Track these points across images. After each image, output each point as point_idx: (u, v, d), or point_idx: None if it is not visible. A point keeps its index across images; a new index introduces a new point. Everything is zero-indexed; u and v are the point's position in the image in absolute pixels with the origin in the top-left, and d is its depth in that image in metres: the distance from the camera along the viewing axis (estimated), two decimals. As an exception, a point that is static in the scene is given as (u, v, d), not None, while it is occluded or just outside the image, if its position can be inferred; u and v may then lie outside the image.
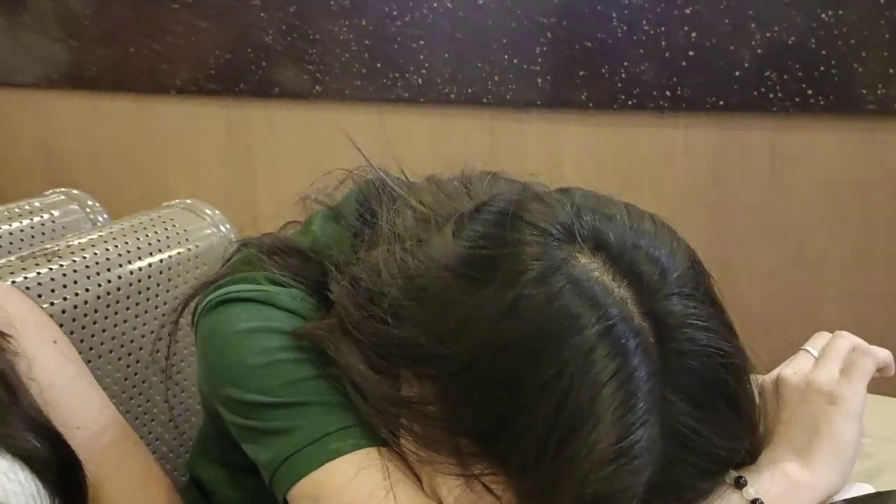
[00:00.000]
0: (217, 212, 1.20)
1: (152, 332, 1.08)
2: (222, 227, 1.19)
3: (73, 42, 1.89)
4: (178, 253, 1.12)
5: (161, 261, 1.09)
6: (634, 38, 1.32)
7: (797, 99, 1.25)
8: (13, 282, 0.94)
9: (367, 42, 1.55)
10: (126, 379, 1.04)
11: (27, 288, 0.92)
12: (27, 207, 1.18)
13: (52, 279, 0.96)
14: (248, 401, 0.63)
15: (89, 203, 1.26)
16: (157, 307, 1.08)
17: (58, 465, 0.68)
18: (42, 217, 1.19)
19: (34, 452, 0.66)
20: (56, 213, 1.21)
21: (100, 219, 1.24)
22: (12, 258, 0.98)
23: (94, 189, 1.82)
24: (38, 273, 0.96)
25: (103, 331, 1.01)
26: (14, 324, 0.73)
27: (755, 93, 1.27)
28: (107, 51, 1.86)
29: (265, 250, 0.71)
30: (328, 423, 0.62)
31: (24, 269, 0.95)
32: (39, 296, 0.92)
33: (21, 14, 1.96)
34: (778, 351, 1.31)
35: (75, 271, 0.99)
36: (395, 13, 1.50)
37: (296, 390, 0.63)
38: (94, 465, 0.73)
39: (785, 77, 1.24)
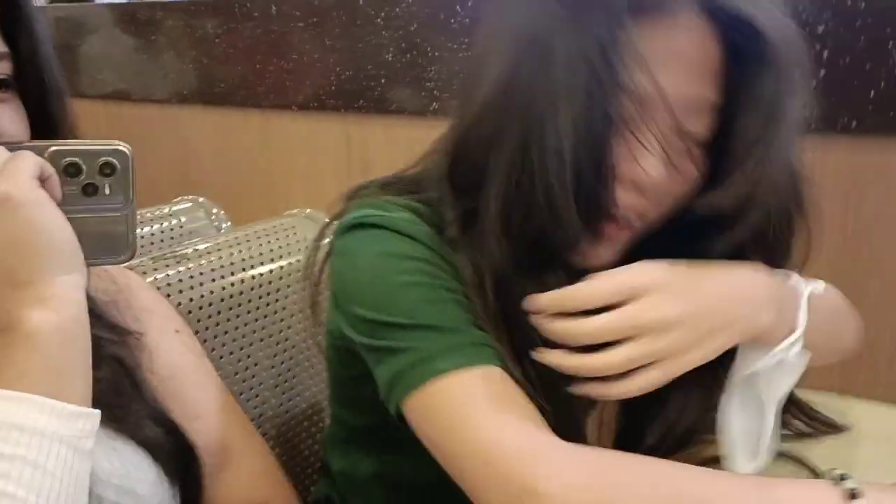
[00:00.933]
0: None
1: (271, 335, 1.11)
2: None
3: (204, 60, 1.98)
4: (298, 260, 1.15)
5: (281, 267, 1.13)
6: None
7: (940, 120, 1.18)
8: (146, 280, 0.99)
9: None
10: (244, 381, 1.07)
11: (157, 287, 0.97)
12: (158, 213, 1.25)
13: (180, 280, 1.01)
14: (371, 319, 0.68)
15: (214, 210, 1.31)
16: (275, 311, 1.11)
17: (178, 454, 0.71)
18: (171, 222, 1.25)
19: (156, 441, 0.69)
20: (184, 218, 1.27)
21: (223, 225, 1.30)
22: (145, 259, 1.03)
23: (223, 196, 1.91)
24: (168, 274, 1.01)
25: (225, 332, 1.05)
26: (141, 315, 0.77)
27: (892, 113, 1.20)
28: (235, 68, 1.94)
29: (379, 185, 0.79)
30: (439, 343, 0.65)
31: (155, 268, 1.00)
32: (168, 295, 0.97)
33: (156, 35, 2.08)
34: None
35: (201, 273, 1.04)
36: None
37: (414, 312, 0.67)
38: (212, 454, 0.76)
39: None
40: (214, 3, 1.99)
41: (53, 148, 0.58)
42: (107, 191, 0.59)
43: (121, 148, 0.60)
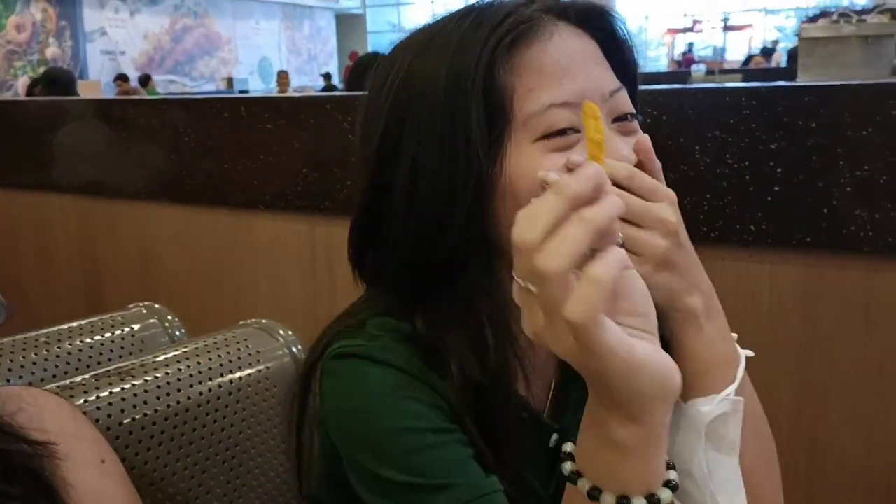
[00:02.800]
0: (290, 333, 1.21)
1: (218, 454, 1.08)
2: (294, 349, 1.20)
3: (172, 157, 2.00)
4: (249, 374, 1.13)
5: (231, 381, 1.11)
6: (718, 170, 1.30)
7: (889, 239, 1.19)
8: (86, 400, 0.96)
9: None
10: (197, 498, 1.04)
11: (97, 408, 0.94)
12: (110, 321, 1.23)
13: (124, 399, 0.98)
14: (377, 473, 0.70)
15: (168, 318, 1.29)
16: (223, 429, 1.08)
17: None
18: (123, 331, 1.23)
19: None
20: (136, 326, 1.25)
21: (177, 333, 1.27)
22: (87, 376, 1.00)
23: (186, 296, 1.89)
24: (111, 392, 0.98)
25: (168, 452, 1.02)
26: (61, 439, 0.74)
27: (844, 230, 1.22)
28: (204, 166, 1.95)
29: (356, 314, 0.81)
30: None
31: (97, 387, 0.98)
32: (109, 415, 0.94)
33: (127, 131, 2.10)
34: (879, 497, 1.21)
35: (146, 391, 1.01)
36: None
37: (420, 468, 0.69)
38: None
39: (876, 216, 1.19)
40: (185, 101, 2.02)
41: None
42: None
43: None
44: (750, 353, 0.75)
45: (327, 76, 13.53)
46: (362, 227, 0.79)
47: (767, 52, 12.06)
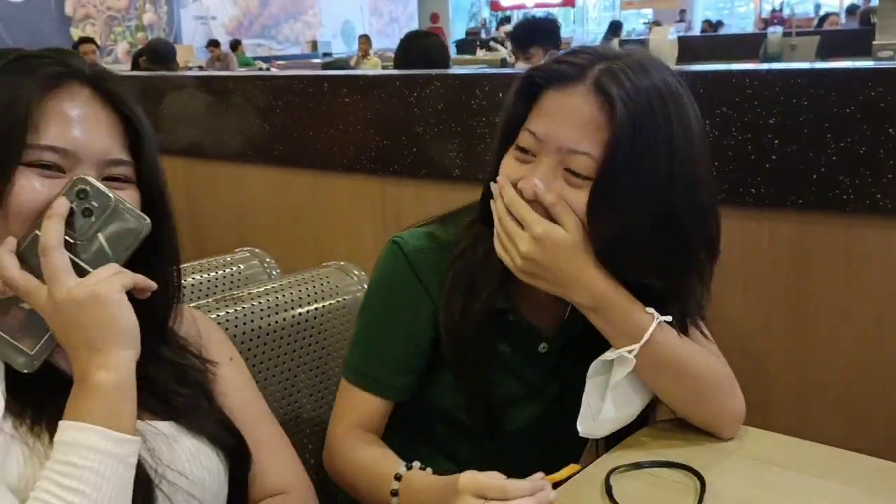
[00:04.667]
0: (363, 273, 1.50)
1: (307, 363, 1.38)
2: (365, 286, 1.48)
3: (266, 127, 2.30)
4: (330, 304, 1.42)
5: (315, 309, 1.40)
6: (724, 142, 1.52)
7: (867, 201, 1.39)
8: (209, 317, 1.27)
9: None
10: (283, 399, 1.34)
11: (217, 324, 1.25)
12: (223, 261, 1.54)
13: (236, 317, 1.29)
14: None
15: (266, 259, 1.59)
16: (309, 345, 1.38)
17: (235, 449, 0.97)
18: (232, 269, 1.54)
19: (221, 439, 0.96)
20: (242, 266, 1.56)
21: (273, 273, 1.58)
22: (209, 300, 1.31)
23: (275, 244, 2.21)
24: (227, 312, 1.29)
25: (269, 359, 1.32)
26: (207, 344, 1.04)
27: (830, 193, 1.43)
28: (291, 135, 2.25)
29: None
30: (368, 364, 1.17)
31: (217, 308, 1.28)
32: (225, 329, 1.25)
33: (226, 103, 2.41)
34: (855, 419, 1.44)
35: (252, 313, 1.31)
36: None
37: (370, 331, 1.17)
38: (256, 453, 1.01)
39: (857, 181, 1.40)
40: (276, 79, 2.31)
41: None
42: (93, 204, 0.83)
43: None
44: (668, 318, 1.02)
45: (406, 39, 13.75)
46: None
47: (852, 10, 11.68)
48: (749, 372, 1.24)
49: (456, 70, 2.34)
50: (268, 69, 9.53)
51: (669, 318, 1.00)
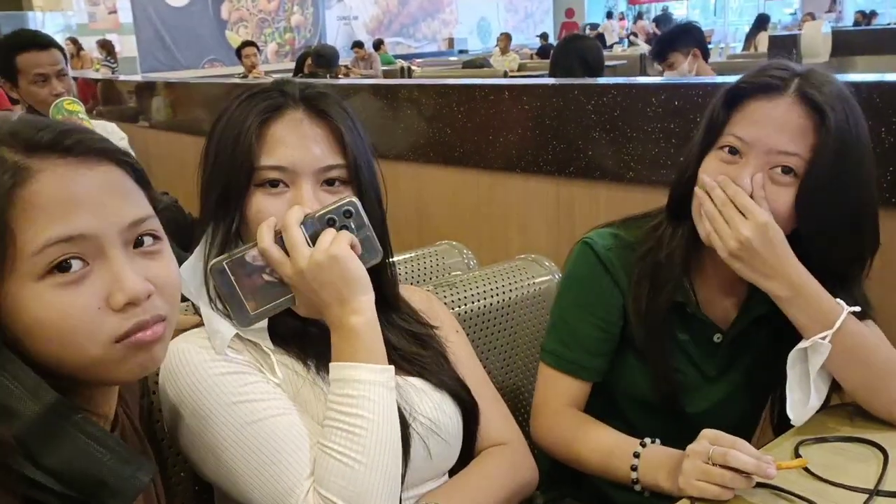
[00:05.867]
0: (553, 264, 1.67)
1: (501, 344, 1.57)
2: (556, 276, 1.66)
3: (448, 130, 2.52)
4: (525, 292, 1.61)
5: (512, 297, 1.59)
6: (899, 149, 1.60)
7: None
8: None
9: (672, 140, 1.96)
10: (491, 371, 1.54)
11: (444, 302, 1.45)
12: (429, 252, 1.75)
13: (452, 300, 1.50)
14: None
15: (464, 251, 1.80)
16: (504, 329, 1.57)
17: (467, 400, 1.17)
18: (436, 259, 1.75)
19: (456, 391, 1.16)
20: (444, 257, 1.77)
21: (471, 263, 1.78)
22: (429, 285, 1.53)
23: (450, 238, 2.41)
24: (445, 295, 1.49)
25: (477, 338, 1.52)
26: (436, 316, 1.25)
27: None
28: (472, 138, 2.46)
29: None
30: (564, 349, 1.33)
31: (436, 292, 1.49)
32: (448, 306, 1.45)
33: (409, 110, 2.64)
34: None
35: (458, 299, 1.51)
36: (698, 119, 1.89)
37: (566, 319, 1.34)
38: (482, 411, 1.21)
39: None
40: (459, 86, 2.53)
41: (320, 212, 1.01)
42: (352, 225, 1.01)
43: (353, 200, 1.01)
44: (857, 308, 1.13)
45: (544, 36, 13.88)
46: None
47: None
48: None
49: (635, 79, 2.48)
50: (408, 67, 9.90)
51: (858, 308, 1.13)
